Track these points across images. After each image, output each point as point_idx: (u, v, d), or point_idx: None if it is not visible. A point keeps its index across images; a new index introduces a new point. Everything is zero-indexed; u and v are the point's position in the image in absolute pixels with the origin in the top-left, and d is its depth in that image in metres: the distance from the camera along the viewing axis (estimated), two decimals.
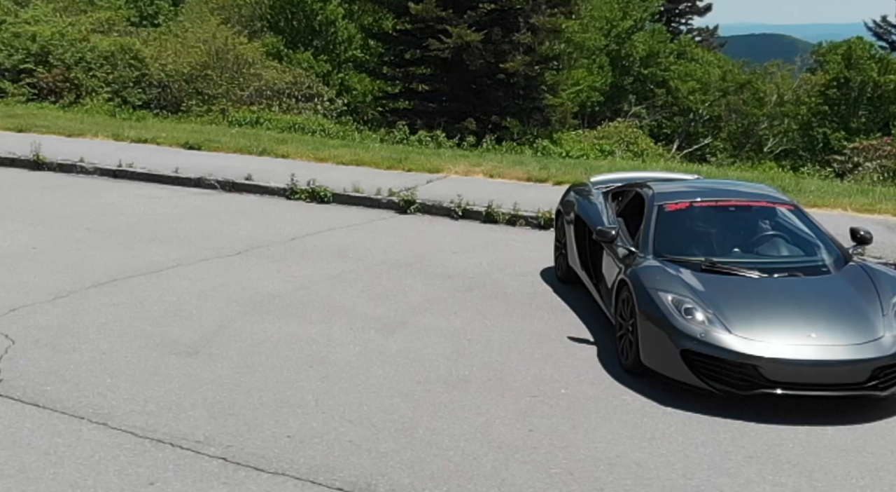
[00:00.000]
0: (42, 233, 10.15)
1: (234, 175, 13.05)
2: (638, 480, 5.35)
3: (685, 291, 6.59)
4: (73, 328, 7.21)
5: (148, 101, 24.05)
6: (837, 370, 6.16)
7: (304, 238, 10.42)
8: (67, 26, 24.89)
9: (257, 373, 6.55)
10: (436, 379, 6.62)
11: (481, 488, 5.16)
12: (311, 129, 19.61)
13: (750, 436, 5.95)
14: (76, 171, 13.74)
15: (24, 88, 22.78)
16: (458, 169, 14.05)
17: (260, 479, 5.09)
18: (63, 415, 5.71)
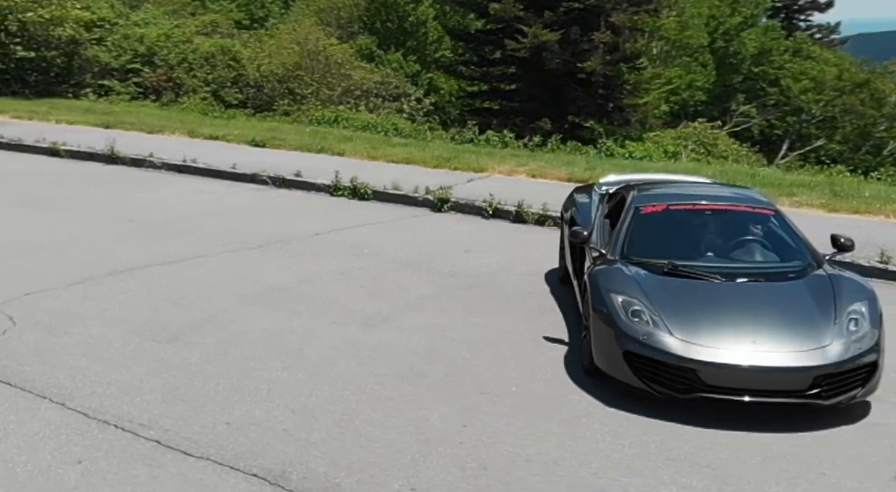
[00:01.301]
0: (87, 223, 10.63)
1: (286, 172, 13.35)
2: (548, 477, 5.28)
3: (637, 294, 6.44)
4: (74, 313, 7.53)
5: (244, 101, 24.78)
6: (776, 377, 5.94)
7: (328, 234, 10.60)
8: (173, 28, 25.86)
9: (224, 361, 6.71)
10: (394, 374, 6.66)
11: (391, 479, 5.17)
12: (385, 128, 19.82)
13: (681, 439, 5.80)
14: (146, 165, 14.31)
15: (130, 87, 23.79)
16: (502, 168, 14.02)
17: (184, 463, 5.23)
18: (29, 394, 5.98)
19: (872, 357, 6.11)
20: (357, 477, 5.18)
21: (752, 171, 15.82)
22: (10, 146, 15.55)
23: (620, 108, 25.50)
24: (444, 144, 17.30)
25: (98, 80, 23.24)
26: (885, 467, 5.55)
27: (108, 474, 5.04)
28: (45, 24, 21.71)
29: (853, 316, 6.26)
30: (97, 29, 24.53)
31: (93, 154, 14.79)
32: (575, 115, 24.05)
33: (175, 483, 4.99)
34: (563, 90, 24.19)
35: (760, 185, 13.33)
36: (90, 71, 23.06)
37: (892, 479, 5.42)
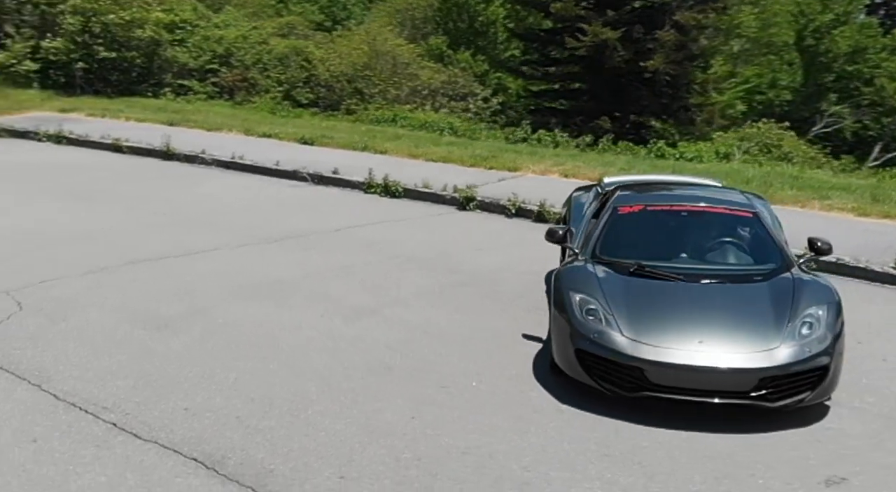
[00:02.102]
0: (124, 215, 11.02)
1: (324, 169, 13.57)
2: (478, 469, 5.30)
3: (595, 293, 6.39)
4: (78, 300, 7.84)
5: (315, 100, 25.21)
6: (720, 377, 5.83)
7: (348, 229, 10.75)
8: (251, 30, 26.49)
9: (203, 350, 6.90)
10: (363, 366, 6.74)
11: (325, 466, 5.26)
12: (440, 127, 19.91)
13: (622, 437, 5.77)
14: (197, 161, 14.73)
15: (207, 87, 24.48)
16: (536, 168, 13.95)
17: (131, 445, 5.41)
18: (11, 375, 6.27)
19: (823, 361, 5.95)
20: (292, 464, 5.28)
21: (799, 172, 15.31)
22: (78, 142, 16.21)
23: (686, 108, 25.00)
24: (491, 143, 17.29)
25: (177, 79, 23.98)
26: (820, 471, 5.42)
27: (57, 454, 5.26)
28: (127, 26, 22.49)
29: (808, 319, 6.11)
30: (179, 31, 25.32)
31: (151, 150, 15.30)
32: (637, 115, 23.68)
33: (116, 464, 5.17)
34: (625, 89, 23.85)
35: (799, 187, 13.00)
36: (170, 71, 23.80)
37: (821, 483, 5.29)
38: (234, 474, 5.13)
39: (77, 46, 22.20)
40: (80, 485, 4.93)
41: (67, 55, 22.24)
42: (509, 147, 16.56)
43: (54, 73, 22.58)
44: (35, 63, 22.50)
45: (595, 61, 23.34)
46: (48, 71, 22.57)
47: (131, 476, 5.04)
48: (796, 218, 11.23)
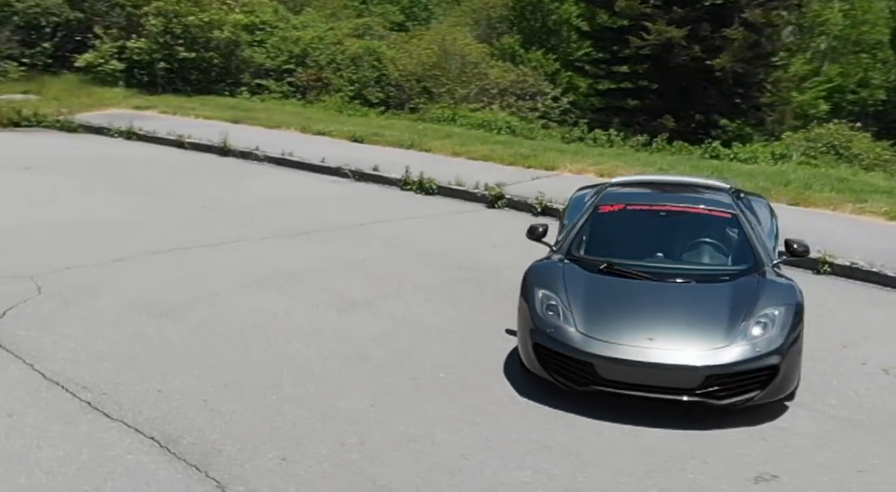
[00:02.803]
0: (166, 208, 11.47)
1: (366, 166, 13.82)
2: (418, 455, 5.44)
3: (558, 289, 6.45)
4: (94, 287, 8.23)
5: (385, 99, 25.54)
6: (667, 374, 5.84)
7: (372, 225, 10.95)
8: (328, 31, 27.00)
9: (195, 336, 7.18)
10: (340, 355, 6.92)
11: (271, 449, 5.45)
12: (497, 125, 19.92)
13: (568, 429, 5.84)
14: (251, 158, 15.17)
15: (284, 86, 25.08)
16: (573, 167, 13.90)
17: (98, 422, 5.72)
18: (9, 354, 6.65)
19: (772, 360, 5.89)
20: (241, 446, 5.50)
21: (851, 175, 14.78)
22: (146, 138, 16.88)
23: (757, 107, 24.37)
24: (541, 143, 17.24)
25: (255, 79, 24.63)
26: (754, 468, 5.40)
27: (28, 428, 5.59)
28: (206, 28, 23.23)
29: (762, 319, 6.06)
30: (259, 32, 26.00)
31: (210, 147, 15.82)
32: (703, 114, 23.21)
33: (77, 440, 5.47)
34: (692, 88, 23.39)
35: (839, 190, 12.65)
36: (247, 71, 24.47)
37: (750, 480, 5.26)
38: (183, 454, 5.37)
39: (159, 47, 23.02)
40: (38, 458, 5.24)
41: (150, 55, 23.08)
42: (556, 146, 16.49)
43: (138, 72, 23.46)
44: (121, 63, 23.42)
45: (661, 60, 22.99)
46: (133, 70, 23.46)
47: (87, 452, 5.33)
48: (821, 220, 10.98)
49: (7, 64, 23.52)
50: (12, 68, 23.52)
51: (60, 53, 24.67)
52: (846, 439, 5.78)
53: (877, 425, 5.97)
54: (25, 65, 23.90)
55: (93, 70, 23.51)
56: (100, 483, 4.99)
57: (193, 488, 5.01)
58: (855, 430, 5.91)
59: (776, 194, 11.92)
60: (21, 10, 24.23)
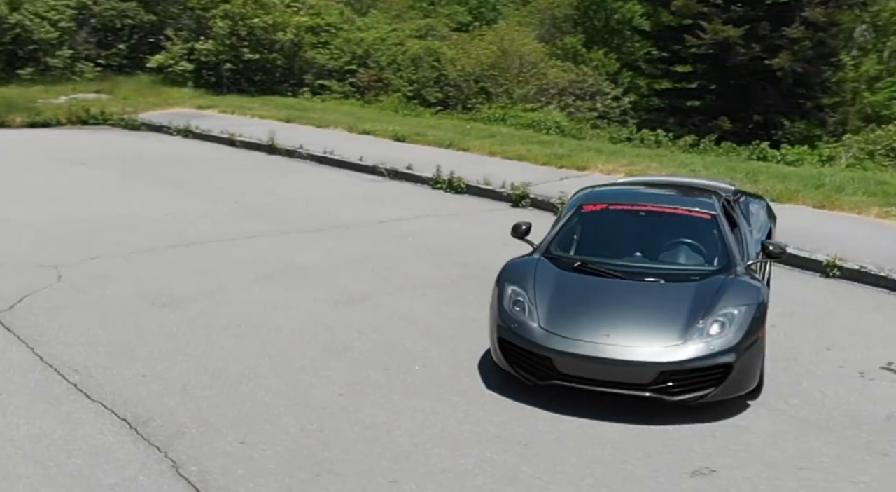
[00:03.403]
0: (201, 203, 11.87)
1: (401, 165, 14.03)
2: (371, 442, 5.60)
3: (527, 286, 6.53)
4: (110, 277, 8.62)
5: (443, 99, 25.73)
6: (621, 370, 5.89)
7: (393, 222, 11.14)
8: (390, 32, 27.35)
9: (193, 326, 7.45)
10: (324, 347, 7.12)
11: (232, 432, 5.65)
12: (547, 125, 19.92)
13: (524, 421, 5.93)
14: (295, 156, 15.55)
15: (345, 87, 25.53)
16: (605, 167, 13.85)
17: (78, 403, 6.01)
18: (14, 337, 7.03)
19: (727, 359, 5.90)
20: (204, 429, 5.73)
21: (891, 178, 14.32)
22: (200, 136, 17.45)
23: (819, 108, 23.72)
24: (582, 143, 17.18)
25: (317, 79, 25.14)
26: (694, 463, 5.43)
27: (13, 407, 5.92)
28: (269, 30, 23.82)
29: (721, 319, 6.06)
30: (324, 33, 26.52)
31: (259, 145, 16.27)
32: (762, 115, 22.71)
33: (54, 419, 5.77)
34: (751, 88, 22.92)
35: (872, 193, 12.31)
36: (310, 71, 24.99)
37: (687, 474, 5.30)
38: (149, 435, 5.63)
39: (225, 48, 23.72)
40: (13, 435, 5.55)
41: (217, 57, 23.80)
42: (598, 146, 16.42)
43: (206, 73, 24.21)
44: (190, 64, 24.24)
45: (719, 59, 22.60)
46: (201, 71, 24.23)
47: (60, 430, 5.63)
48: (842, 224, 10.79)
49: (84, 64, 24.57)
50: (88, 69, 24.56)
51: (135, 55, 25.64)
52: (798, 438, 5.73)
53: (833, 426, 5.90)
54: (101, 66, 24.94)
55: (164, 71, 24.38)
56: (63, 460, 5.27)
57: (149, 467, 5.25)
58: (810, 429, 5.86)
59: (803, 197, 11.72)
60: (98, 12, 25.25)
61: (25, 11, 24.27)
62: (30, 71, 23.90)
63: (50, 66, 24.17)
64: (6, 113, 19.30)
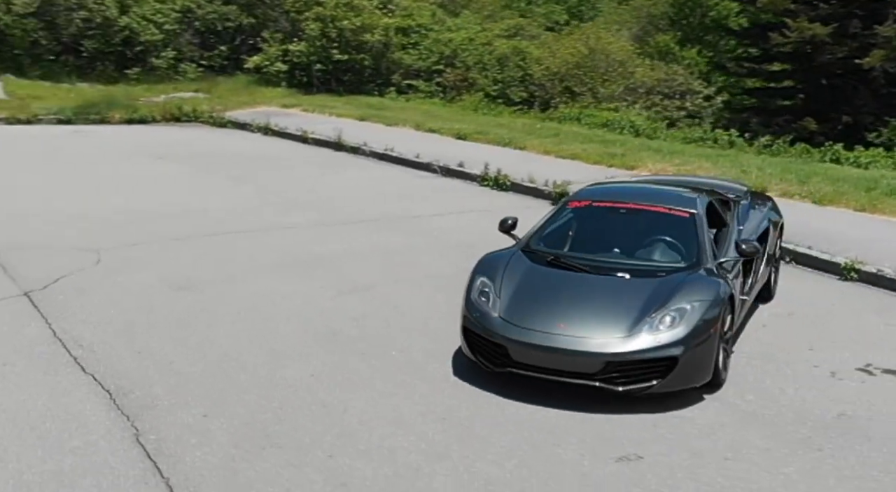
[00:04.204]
0: (247, 196, 12.45)
1: (454, 162, 14.30)
2: (321, 419, 5.92)
3: (496, 277, 6.73)
4: (142, 262, 9.19)
5: (528, 98, 25.82)
6: (569, 359, 6.04)
7: (428, 217, 11.43)
8: (479, 32, 27.61)
9: (199, 309, 7.92)
10: (313, 332, 7.47)
11: (198, 406, 6.05)
12: (622, 125, 19.78)
13: (475, 406, 6.16)
14: (359, 153, 16.03)
15: (431, 86, 25.96)
16: (654, 167, 13.75)
17: (72, 375, 6.54)
18: (37, 313, 7.63)
19: (672, 352, 6.00)
20: (174, 401, 6.17)
21: None
22: (278, 133, 18.16)
23: None
24: (647, 142, 17.04)
25: (405, 79, 25.67)
26: (624, 449, 5.57)
27: (13, 375, 6.49)
28: (358, 31, 24.47)
29: (672, 313, 6.15)
30: (414, 34, 27.04)
31: (328, 142, 16.83)
32: (851, 116, 21.82)
33: (47, 387, 6.30)
34: (840, 88, 22.07)
35: None
36: (397, 71, 25.54)
37: (613, 459, 5.45)
38: (124, 405, 6.09)
39: (316, 50, 24.52)
40: (2, 399, 6.10)
41: (308, 57, 24.63)
42: (662, 146, 16.26)
43: (298, 73, 25.07)
44: (284, 65, 25.16)
45: (807, 58, 21.87)
46: (294, 72, 25.12)
47: (46, 397, 6.15)
48: (877, 227, 10.50)
49: (186, 65, 25.85)
50: (191, 69, 25.81)
51: (235, 56, 26.77)
52: (737, 431, 5.77)
53: (778, 421, 5.90)
54: (203, 66, 26.16)
55: (260, 71, 25.39)
56: (38, 423, 5.78)
57: (113, 433, 5.70)
58: (753, 423, 5.89)
59: (846, 200, 11.42)
60: (201, 16, 26.48)
61: (133, 14, 25.77)
62: (136, 71, 25.37)
63: (155, 67, 25.57)
64: (107, 110, 20.56)
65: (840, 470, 5.29)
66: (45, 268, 8.91)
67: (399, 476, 5.28)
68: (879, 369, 6.74)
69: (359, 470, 5.33)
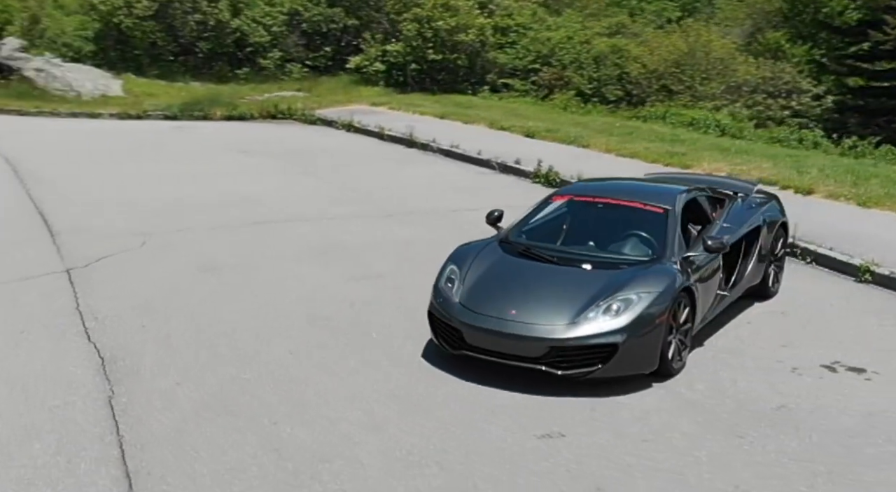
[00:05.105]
0: (307, 188, 13.08)
1: (512, 159, 14.55)
2: (278, 392, 6.38)
3: (464, 266, 7.06)
4: (183, 245, 9.88)
5: (624, 97, 25.64)
6: (516, 344, 6.34)
7: (465, 211, 11.72)
8: (578, 31, 27.58)
9: (219, 290, 8.51)
10: (311, 314, 7.94)
11: (176, 375, 6.62)
12: (707, 124, 19.48)
13: (431, 386, 6.54)
14: (429, 149, 16.48)
15: (527, 85, 26.15)
16: (709, 167, 13.58)
17: (79, 343, 7.21)
18: (70, 288, 8.38)
19: (612, 339, 6.21)
20: (156, 371, 6.73)
21: None
22: (359, 130, 18.82)
23: None
24: (715, 141, 16.76)
25: (501, 78, 25.97)
26: (550, 427, 5.85)
27: (27, 342, 7.21)
28: (452, 31, 24.94)
29: (618, 303, 6.34)
30: (512, 33, 27.31)
31: (401, 139, 17.36)
32: None
33: (51, 353, 6.98)
34: None
35: None
36: (492, 71, 25.87)
37: (536, 436, 5.72)
38: (111, 371, 6.72)
39: (412, 50, 25.15)
40: (7, 363, 6.79)
41: (404, 57, 25.30)
42: (729, 145, 15.99)
43: (395, 73, 25.78)
44: (382, 65, 25.93)
45: None
46: (391, 71, 25.84)
47: (46, 362, 6.81)
48: None
49: (292, 65, 26.98)
50: (296, 69, 26.91)
51: (339, 56, 27.74)
52: (669, 417, 5.93)
53: (716, 410, 6.04)
54: (308, 67, 27.25)
55: (360, 71, 26.26)
56: (29, 384, 6.44)
57: (92, 395, 6.31)
58: (688, 411, 6.04)
59: (892, 203, 11.02)
60: (307, 18, 27.57)
61: (244, 17, 27.09)
62: (245, 71, 26.68)
63: (262, 67, 26.82)
64: (209, 107, 21.80)
65: (751, 455, 5.36)
66: (94, 249, 9.72)
67: (330, 444, 5.68)
68: (844, 367, 6.67)
69: (296, 438, 5.76)
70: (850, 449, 5.45)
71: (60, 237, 10.19)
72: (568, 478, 5.26)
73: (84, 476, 5.26)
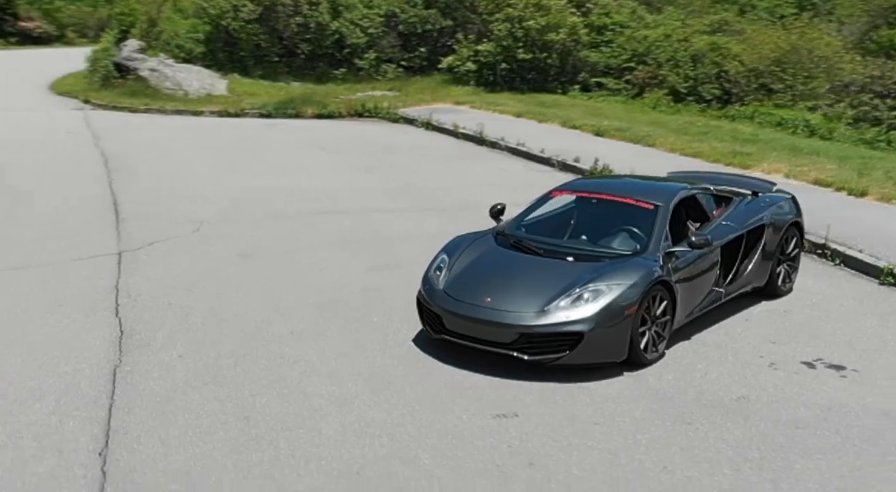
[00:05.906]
0: (366, 183, 13.58)
1: (570, 157, 14.69)
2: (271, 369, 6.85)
3: (454, 255, 7.42)
4: (231, 232, 10.52)
5: (721, 96, 25.12)
6: (488, 329, 6.67)
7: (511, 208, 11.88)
8: (677, 28, 27.21)
9: (248, 273, 9.10)
10: (324, 299, 8.41)
11: (181, 348, 7.20)
12: (796, 124, 19.00)
13: (411, 368, 6.91)
14: (498, 147, 16.77)
15: (620, 84, 26.01)
16: (769, 167, 13.39)
17: (105, 317, 7.84)
18: (116, 267, 9.12)
19: (578, 328, 6.46)
20: (162, 343, 7.32)
21: None
22: (436, 128, 19.24)
23: None
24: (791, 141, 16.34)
25: (594, 77, 25.94)
26: (506, 408, 6.15)
27: (59, 314, 7.90)
28: (543, 30, 25.09)
29: (588, 293, 6.56)
30: (609, 32, 27.22)
31: (473, 137, 17.70)
32: None
33: (78, 325, 7.67)
34: None
35: None
36: (583, 70, 25.87)
37: (491, 416, 6.04)
38: (126, 344, 7.34)
39: (502, 50, 25.44)
40: (36, 333, 7.49)
41: (494, 57, 25.61)
42: (803, 146, 15.62)
43: (486, 72, 26.12)
44: (474, 64, 26.32)
45: None
46: (482, 71, 26.20)
47: (70, 334, 7.49)
48: None
49: (387, 66, 27.73)
50: (391, 70, 27.65)
51: (433, 57, 28.31)
52: (629, 403, 6.11)
53: (674, 398, 6.19)
54: (403, 67, 27.94)
55: (452, 71, 26.74)
56: (49, 351, 7.12)
57: (100, 365, 6.92)
58: (647, 398, 6.21)
59: None
60: (404, 20, 28.26)
61: (343, 20, 28.00)
62: (342, 71, 27.60)
63: (359, 67, 27.67)
64: (301, 105, 22.73)
65: (690, 440, 5.49)
66: (150, 234, 10.48)
67: (298, 415, 6.12)
68: (825, 364, 6.64)
69: (267, 408, 6.23)
70: (792, 439, 5.50)
71: (124, 223, 11.02)
72: (507, 453, 5.52)
73: (68, 433, 5.85)
